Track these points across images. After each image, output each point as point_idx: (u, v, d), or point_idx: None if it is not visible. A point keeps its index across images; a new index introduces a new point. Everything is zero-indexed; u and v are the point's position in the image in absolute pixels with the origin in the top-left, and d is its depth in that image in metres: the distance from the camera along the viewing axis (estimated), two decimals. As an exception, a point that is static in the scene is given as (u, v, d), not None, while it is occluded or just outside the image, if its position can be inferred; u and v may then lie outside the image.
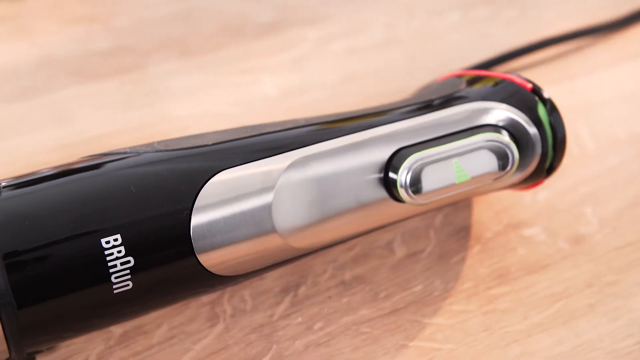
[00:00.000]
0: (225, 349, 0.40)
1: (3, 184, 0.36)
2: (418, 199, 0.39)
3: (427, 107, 0.42)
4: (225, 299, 0.42)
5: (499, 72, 0.44)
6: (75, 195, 0.36)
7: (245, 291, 0.42)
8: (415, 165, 0.39)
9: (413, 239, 0.45)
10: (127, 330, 0.40)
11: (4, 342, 0.35)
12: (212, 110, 0.51)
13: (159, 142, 0.39)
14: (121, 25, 0.56)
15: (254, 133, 0.40)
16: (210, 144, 0.39)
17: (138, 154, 0.38)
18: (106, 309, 0.37)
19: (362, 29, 0.57)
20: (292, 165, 0.38)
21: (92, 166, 0.37)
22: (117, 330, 0.40)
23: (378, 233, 0.44)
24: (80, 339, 0.40)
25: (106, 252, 0.35)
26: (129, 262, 0.35)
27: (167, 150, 0.38)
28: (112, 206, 0.36)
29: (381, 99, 0.48)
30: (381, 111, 0.42)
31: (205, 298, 0.42)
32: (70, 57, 0.54)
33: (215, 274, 0.38)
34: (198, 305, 0.41)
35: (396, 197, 0.40)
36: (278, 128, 0.40)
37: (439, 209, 0.45)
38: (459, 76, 0.46)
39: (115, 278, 0.35)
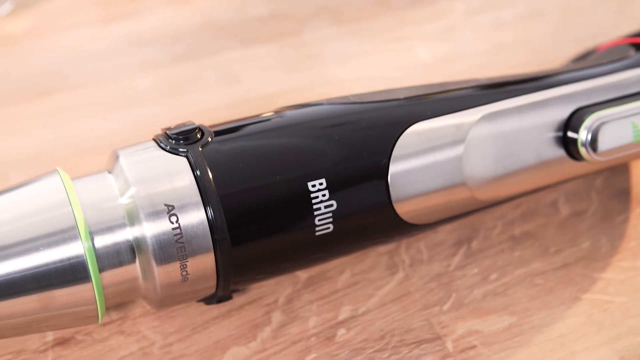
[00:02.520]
0: (407, 296, 0.42)
1: (213, 130, 0.38)
2: (596, 157, 0.41)
3: (601, 70, 0.44)
4: (403, 250, 0.44)
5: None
6: (283, 141, 0.38)
7: (421, 243, 0.44)
8: (595, 125, 0.41)
9: (576, 199, 0.47)
10: (312, 276, 0.42)
11: (212, 278, 0.37)
12: (370, 74, 0.53)
13: (353, 95, 0.41)
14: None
15: (441, 89, 0.42)
16: (402, 97, 0.40)
17: (337, 105, 0.40)
18: (307, 250, 0.39)
19: (506, 3, 0.59)
20: (482, 120, 0.40)
21: (296, 115, 0.39)
22: (302, 275, 0.42)
23: (542, 192, 0.46)
24: (269, 282, 0.42)
25: (312, 195, 0.37)
26: (331, 205, 0.37)
27: (363, 103, 0.40)
28: (318, 152, 0.38)
29: (529, 68, 0.50)
30: (558, 73, 0.44)
31: (383, 248, 0.44)
32: (230, 22, 0.56)
33: (406, 222, 0.40)
34: (377, 255, 0.43)
35: (573, 155, 0.42)
36: (464, 85, 0.42)
37: (609, 168, 0.46)
38: (623, 44, 0.48)
39: (319, 220, 0.37)
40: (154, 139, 0.38)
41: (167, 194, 0.35)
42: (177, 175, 0.36)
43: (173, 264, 0.35)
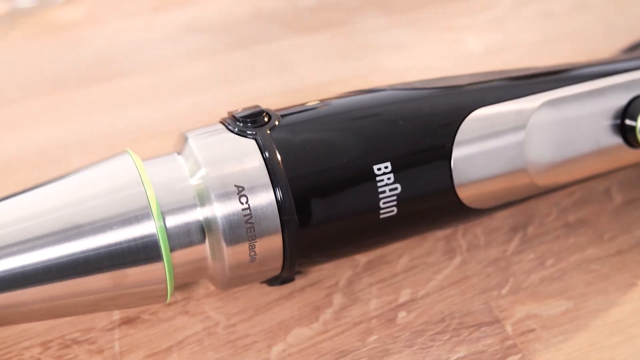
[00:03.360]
0: (465, 280, 0.42)
1: (279, 113, 0.39)
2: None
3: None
4: (460, 235, 0.44)
5: None
6: (349, 125, 0.39)
7: (477, 228, 0.45)
8: (653, 112, 0.41)
9: (630, 187, 0.47)
10: (371, 260, 0.43)
11: (279, 259, 0.38)
12: (421, 64, 0.54)
13: (415, 82, 0.42)
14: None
15: (501, 77, 0.42)
16: (463, 84, 0.41)
17: (400, 90, 0.40)
18: (371, 232, 0.40)
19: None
20: (542, 106, 0.41)
21: (361, 99, 0.40)
22: (362, 259, 0.43)
23: (595, 180, 0.47)
24: (329, 265, 0.43)
25: (377, 178, 0.38)
26: (396, 188, 0.38)
27: (426, 89, 0.41)
28: (383, 136, 0.38)
29: (578, 59, 0.50)
30: (615, 61, 0.44)
31: (440, 233, 0.44)
32: (281, 11, 0.57)
33: (467, 206, 0.40)
34: (434, 240, 0.44)
35: (631, 143, 0.42)
36: (523, 73, 0.43)
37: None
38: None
39: (384, 203, 0.38)
40: (221, 122, 0.38)
41: (237, 175, 0.36)
42: (246, 157, 0.36)
43: (242, 245, 0.36)
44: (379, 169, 0.37)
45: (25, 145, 0.49)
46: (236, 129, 0.37)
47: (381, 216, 0.38)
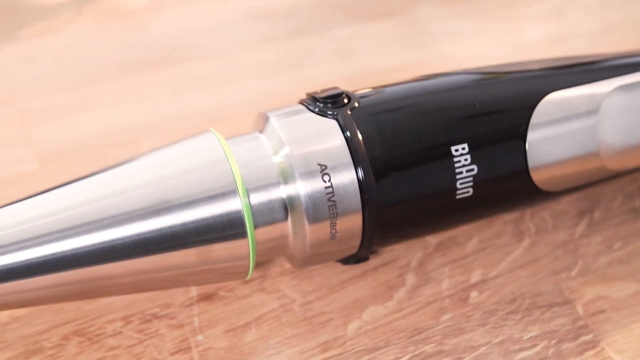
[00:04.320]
0: (534, 262, 0.43)
1: (357, 94, 0.39)
2: None
3: None
4: (527, 218, 0.45)
5: None
6: (427, 107, 0.40)
7: (545, 212, 0.45)
8: None
9: (694, 174, 0.48)
10: (442, 241, 0.44)
11: (358, 237, 0.39)
12: (483, 52, 0.55)
13: (487, 67, 0.42)
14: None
15: (573, 62, 0.43)
16: (536, 69, 0.42)
17: (475, 74, 0.41)
18: (447, 213, 0.40)
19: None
20: (615, 91, 0.41)
21: (437, 82, 0.41)
22: (432, 240, 0.44)
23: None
24: (400, 246, 0.43)
25: (455, 159, 0.38)
26: (472, 169, 0.39)
27: (500, 73, 0.41)
28: (460, 118, 0.39)
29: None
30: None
31: (508, 217, 0.45)
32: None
33: (539, 188, 0.41)
34: (502, 223, 0.45)
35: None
36: (594, 59, 0.43)
37: None
38: None
39: (460, 184, 0.39)
40: (300, 102, 0.39)
41: (320, 154, 0.37)
42: (328, 137, 0.37)
43: (324, 222, 0.37)
44: (456, 150, 0.38)
45: (96, 127, 0.50)
46: (316, 109, 0.38)
47: (457, 197, 0.39)
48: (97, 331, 0.39)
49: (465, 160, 0.38)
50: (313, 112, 0.38)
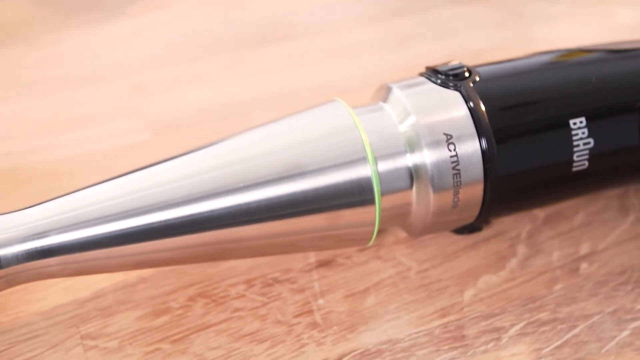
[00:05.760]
0: (642, 236, 0.44)
1: (477, 69, 0.41)
2: None
3: None
4: (632, 194, 0.46)
5: None
6: (546, 81, 0.41)
7: (648, 188, 0.46)
8: None
9: None
10: (549, 215, 0.45)
11: (477, 206, 0.40)
12: (575, 35, 0.56)
13: (599, 44, 0.43)
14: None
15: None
16: (648, 46, 0.43)
17: (589, 50, 0.42)
18: (562, 185, 0.42)
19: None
20: None
21: (554, 57, 0.42)
22: (540, 213, 0.45)
23: None
24: (508, 219, 0.45)
25: (572, 132, 0.40)
26: (589, 143, 0.40)
27: (612, 50, 0.42)
28: (578, 92, 0.41)
29: None
30: None
31: (612, 193, 0.46)
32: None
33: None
34: (607, 198, 0.46)
35: None
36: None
37: None
38: None
39: (577, 157, 0.40)
40: (421, 75, 0.40)
41: (445, 124, 0.38)
42: (452, 107, 0.39)
43: (447, 191, 0.38)
44: (574, 123, 0.39)
45: (208, 100, 0.52)
46: (439, 81, 0.39)
47: (573, 169, 0.40)
48: (221, 293, 0.41)
49: (583, 133, 0.39)
50: (435, 83, 0.39)
